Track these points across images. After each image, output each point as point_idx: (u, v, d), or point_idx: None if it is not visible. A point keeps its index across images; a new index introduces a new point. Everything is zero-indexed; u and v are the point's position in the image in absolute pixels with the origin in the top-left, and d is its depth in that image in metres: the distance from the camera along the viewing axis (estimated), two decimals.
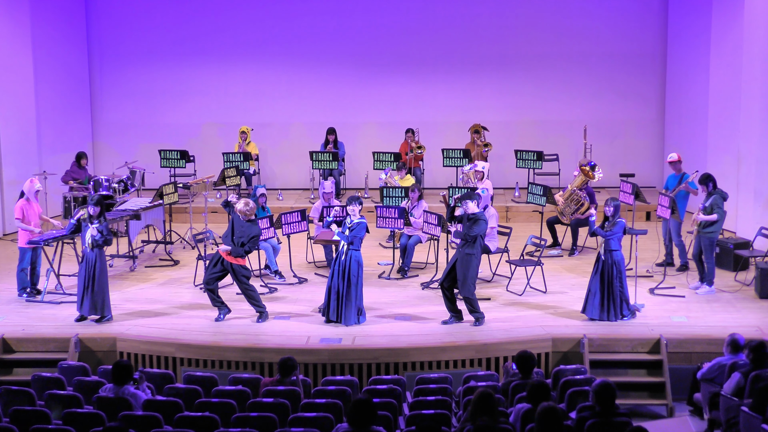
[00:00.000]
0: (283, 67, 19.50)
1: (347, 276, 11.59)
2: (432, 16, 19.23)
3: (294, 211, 13.84)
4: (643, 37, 19.10)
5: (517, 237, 14.55)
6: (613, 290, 11.64)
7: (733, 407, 8.77)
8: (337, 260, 11.68)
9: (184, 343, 11.29)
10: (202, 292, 13.17)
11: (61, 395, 9.22)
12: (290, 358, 9.57)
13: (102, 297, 11.81)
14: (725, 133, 16.54)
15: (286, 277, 13.74)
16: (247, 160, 17.55)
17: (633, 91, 19.26)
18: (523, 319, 11.95)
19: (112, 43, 19.54)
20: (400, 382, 9.83)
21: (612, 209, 11.67)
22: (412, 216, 13.99)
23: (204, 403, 9.01)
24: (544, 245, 13.70)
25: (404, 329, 11.66)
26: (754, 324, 11.64)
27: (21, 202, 12.90)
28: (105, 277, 11.86)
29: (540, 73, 19.27)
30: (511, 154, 17.61)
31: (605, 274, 11.60)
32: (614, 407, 7.96)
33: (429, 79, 19.40)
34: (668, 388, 10.92)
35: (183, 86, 19.57)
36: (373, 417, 7.40)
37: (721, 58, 16.64)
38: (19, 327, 11.81)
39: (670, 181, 14.20)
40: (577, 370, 10.14)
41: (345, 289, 11.62)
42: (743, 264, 13.77)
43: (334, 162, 17.62)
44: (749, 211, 15.51)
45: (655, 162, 19.15)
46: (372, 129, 19.51)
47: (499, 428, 7.63)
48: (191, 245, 15.42)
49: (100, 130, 19.84)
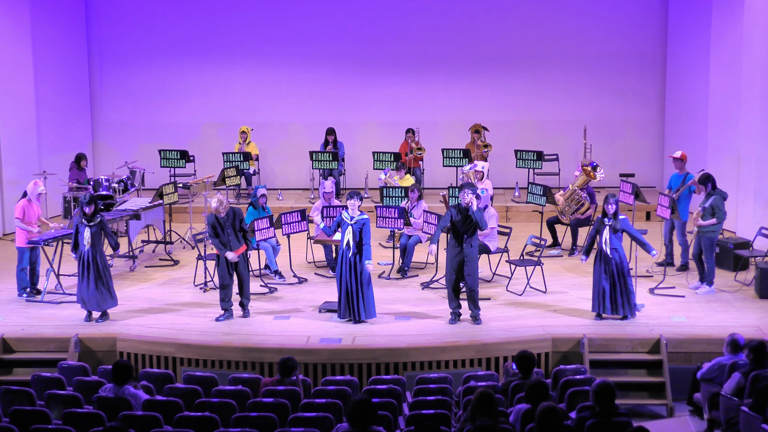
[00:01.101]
0: (283, 67, 19.50)
1: (359, 274, 11.58)
2: (432, 16, 19.23)
3: (294, 211, 13.84)
4: (643, 37, 19.10)
5: (517, 237, 14.55)
6: (627, 285, 11.62)
7: (733, 407, 8.77)
8: (343, 259, 11.65)
9: (184, 343, 11.29)
10: (202, 292, 13.18)
11: (61, 395, 9.21)
12: (290, 358, 9.56)
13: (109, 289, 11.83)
14: (725, 133, 16.54)
15: (286, 277, 13.74)
16: (247, 160, 17.55)
17: (633, 91, 19.26)
18: (523, 319, 11.95)
19: (112, 43, 19.54)
20: (400, 382, 9.82)
21: (615, 206, 11.61)
22: (411, 216, 13.99)
23: (204, 403, 9.00)
24: (544, 245, 13.69)
25: (404, 329, 11.65)
26: (754, 324, 11.64)
27: (23, 202, 12.91)
28: (108, 270, 11.90)
29: (540, 73, 19.28)
30: (511, 154, 17.60)
31: (615, 271, 11.54)
32: (614, 407, 7.96)
33: (429, 78, 19.40)
34: (668, 388, 10.92)
35: (183, 86, 19.58)
36: (373, 417, 7.40)
37: (721, 58, 16.64)
38: (19, 327, 11.81)
39: (673, 181, 14.18)
40: (577, 370, 10.14)
41: (357, 286, 11.60)
42: (743, 264, 13.77)
43: (333, 162, 17.62)
44: (749, 211, 15.51)
45: (654, 162, 19.15)
46: (372, 129, 19.51)
47: (499, 428, 7.63)
48: (191, 245, 15.42)
49: (100, 130, 19.84)
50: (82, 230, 11.75)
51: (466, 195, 11.47)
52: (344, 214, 11.74)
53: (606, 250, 11.56)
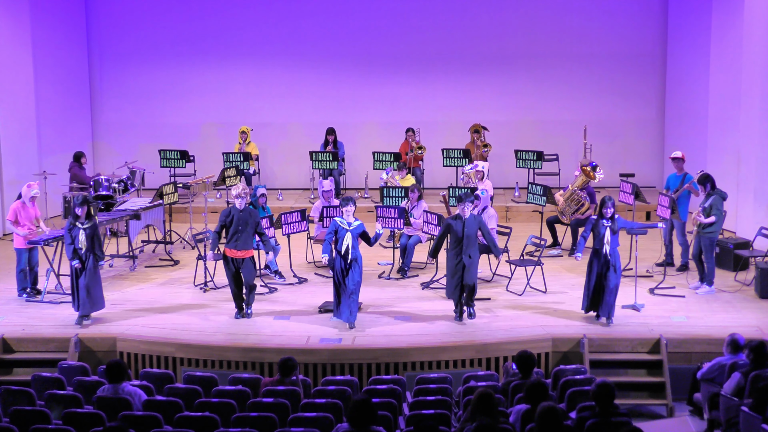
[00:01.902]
0: (283, 67, 19.51)
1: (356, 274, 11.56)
2: (432, 16, 19.24)
3: (294, 211, 13.84)
4: (644, 36, 19.10)
5: (517, 237, 14.55)
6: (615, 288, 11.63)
7: (733, 407, 8.77)
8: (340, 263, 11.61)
9: (184, 343, 11.29)
10: (202, 292, 13.18)
11: (61, 395, 9.22)
12: (290, 358, 9.56)
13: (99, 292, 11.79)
14: (725, 133, 16.54)
15: (286, 277, 13.74)
16: (247, 160, 17.55)
17: (633, 91, 19.26)
18: (523, 319, 11.95)
19: (112, 43, 19.54)
20: (400, 382, 9.82)
21: (613, 209, 11.60)
22: (411, 216, 13.99)
23: (204, 403, 9.01)
24: (544, 245, 13.70)
25: (404, 329, 11.65)
26: (754, 324, 11.64)
27: (16, 204, 12.91)
28: (98, 272, 11.87)
29: (540, 73, 19.28)
30: (511, 154, 17.60)
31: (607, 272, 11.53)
32: (614, 407, 7.96)
33: (429, 78, 19.40)
34: (668, 388, 10.92)
35: (183, 86, 19.58)
36: (373, 417, 7.40)
37: (721, 58, 16.65)
38: (19, 327, 11.81)
39: (671, 181, 14.18)
40: (577, 370, 10.14)
41: (354, 286, 11.58)
42: (743, 264, 13.77)
43: (334, 162, 17.62)
44: (749, 211, 15.51)
45: (655, 162, 19.15)
46: (372, 129, 19.51)
47: (499, 428, 7.62)
48: (191, 245, 15.42)
49: (100, 130, 19.84)
50: (76, 234, 11.67)
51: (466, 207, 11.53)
52: (339, 220, 11.64)
53: (606, 251, 11.53)
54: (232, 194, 12.06)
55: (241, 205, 11.80)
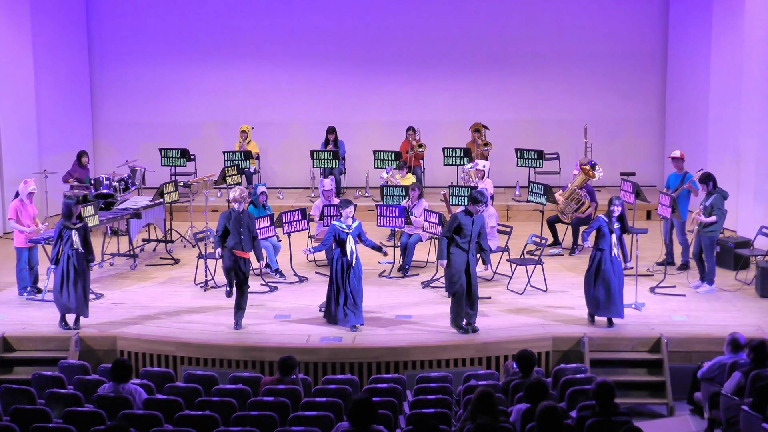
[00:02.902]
0: (284, 66, 19.50)
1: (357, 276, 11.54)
2: (433, 15, 19.23)
3: (294, 209, 13.84)
4: (644, 36, 19.10)
5: (517, 236, 14.54)
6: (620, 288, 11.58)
7: (733, 406, 8.78)
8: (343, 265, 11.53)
9: (185, 342, 11.29)
10: (202, 291, 13.18)
11: (61, 394, 9.23)
12: (290, 357, 9.57)
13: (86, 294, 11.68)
14: (725, 132, 16.54)
15: (287, 276, 13.75)
16: (247, 159, 17.55)
17: (633, 90, 19.26)
18: (524, 318, 11.95)
19: (112, 42, 19.53)
20: (400, 381, 9.83)
21: (621, 208, 11.53)
22: (412, 215, 13.99)
23: (204, 401, 9.01)
24: (544, 244, 13.70)
25: (404, 328, 11.66)
26: (754, 323, 11.65)
27: (15, 203, 12.91)
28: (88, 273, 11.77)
29: (540, 73, 19.28)
30: (512, 153, 17.60)
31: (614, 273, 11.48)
32: (614, 406, 7.96)
33: (429, 77, 19.40)
34: (668, 387, 10.92)
35: (183, 85, 19.58)
36: (373, 416, 7.41)
37: (722, 58, 16.65)
38: (20, 326, 11.81)
39: (671, 180, 14.19)
40: (577, 369, 10.14)
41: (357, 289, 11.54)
42: (744, 263, 13.78)
43: (334, 161, 17.63)
44: (749, 211, 15.51)
45: (655, 161, 19.15)
46: (372, 128, 19.52)
47: (499, 427, 7.63)
48: (192, 244, 15.42)
49: (100, 129, 19.84)
50: (66, 235, 11.56)
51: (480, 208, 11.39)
52: (338, 225, 11.50)
53: (615, 252, 11.45)
54: (232, 196, 12.03)
55: (239, 208, 11.80)
